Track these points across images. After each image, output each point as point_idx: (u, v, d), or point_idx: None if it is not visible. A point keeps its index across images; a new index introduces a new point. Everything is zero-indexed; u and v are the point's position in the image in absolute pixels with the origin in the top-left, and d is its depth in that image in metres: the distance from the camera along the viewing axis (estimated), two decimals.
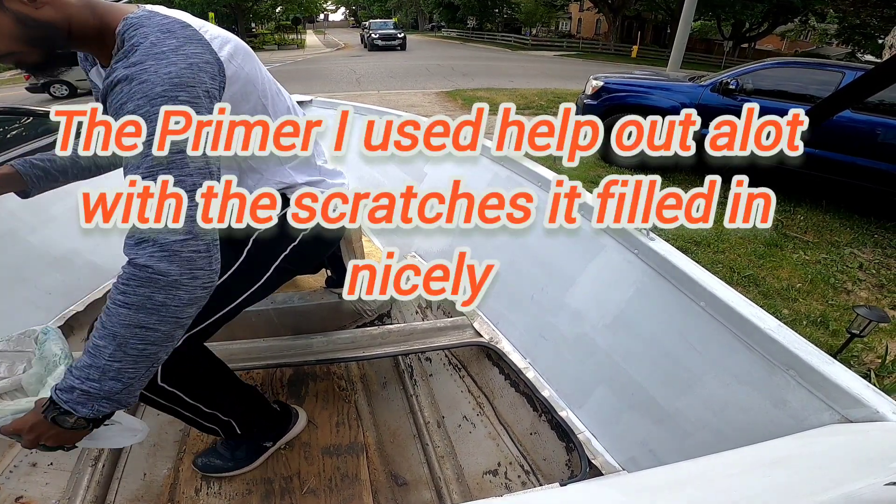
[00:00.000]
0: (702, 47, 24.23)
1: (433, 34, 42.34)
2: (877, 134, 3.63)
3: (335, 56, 20.18)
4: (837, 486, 0.47)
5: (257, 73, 0.83)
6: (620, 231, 1.09)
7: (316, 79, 12.12)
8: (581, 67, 15.17)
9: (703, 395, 0.87)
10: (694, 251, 3.21)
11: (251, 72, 0.81)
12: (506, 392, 1.27)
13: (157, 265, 0.61)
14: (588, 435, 1.04)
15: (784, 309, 2.61)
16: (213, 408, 1.01)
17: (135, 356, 0.63)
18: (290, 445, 1.26)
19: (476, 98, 8.56)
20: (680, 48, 8.28)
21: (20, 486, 1.12)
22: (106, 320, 0.62)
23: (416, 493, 1.19)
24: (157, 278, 0.61)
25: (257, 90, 0.83)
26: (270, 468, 1.20)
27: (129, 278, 0.62)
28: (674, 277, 0.95)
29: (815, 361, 0.72)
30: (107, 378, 0.62)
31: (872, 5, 11.31)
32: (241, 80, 0.77)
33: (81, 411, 0.63)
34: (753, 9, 17.55)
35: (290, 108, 0.95)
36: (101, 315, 0.64)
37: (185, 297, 0.63)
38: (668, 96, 4.52)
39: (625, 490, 0.60)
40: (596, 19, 31.80)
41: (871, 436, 0.63)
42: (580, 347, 1.13)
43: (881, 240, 3.61)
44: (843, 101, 0.63)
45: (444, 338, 1.31)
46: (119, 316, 0.62)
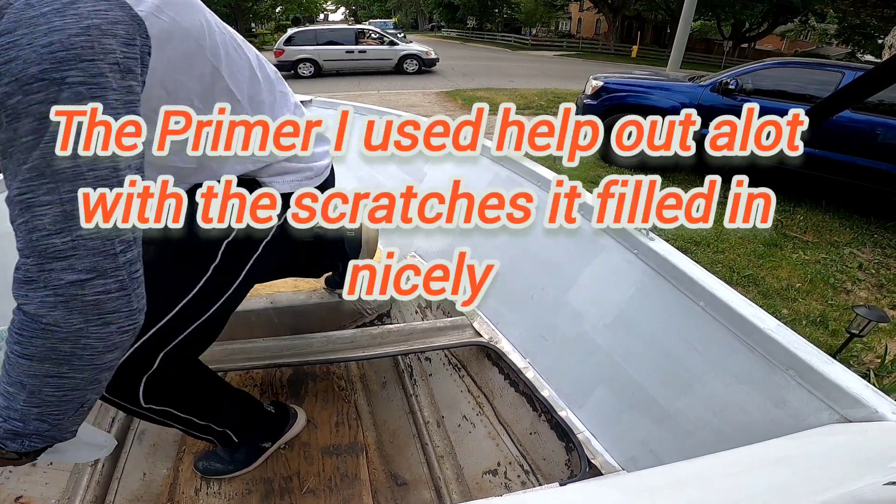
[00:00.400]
0: (702, 47, 24.25)
1: (433, 34, 42.33)
2: (877, 134, 3.64)
3: None
4: (837, 485, 0.47)
5: (203, 27, 0.62)
6: (620, 231, 1.09)
7: (316, 79, 12.12)
8: (581, 67, 15.17)
9: (703, 395, 0.87)
10: (694, 251, 3.21)
11: (193, 24, 0.60)
12: (505, 392, 1.27)
13: (49, 315, 0.47)
14: (588, 435, 1.04)
15: (784, 309, 2.61)
16: (206, 419, 0.97)
17: (55, 402, 0.53)
18: (289, 445, 1.26)
19: (476, 98, 8.56)
20: (680, 48, 8.28)
21: (20, 485, 1.12)
22: (9, 368, 0.51)
23: (416, 492, 1.19)
24: (55, 330, 0.48)
25: (205, 50, 0.63)
26: (270, 468, 1.20)
27: (21, 328, 0.49)
28: (674, 277, 0.95)
29: (814, 361, 0.72)
30: (30, 419, 0.53)
31: (872, 5, 11.32)
32: (176, 38, 0.58)
33: (11, 447, 0.54)
34: (753, 9, 17.57)
35: (267, 77, 0.77)
36: (2, 357, 0.53)
37: (100, 346, 0.50)
38: (667, 96, 4.52)
39: (625, 490, 0.60)
40: (596, 19, 31.81)
41: (871, 435, 0.63)
42: (580, 347, 1.13)
43: (881, 240, 3.61)
44: (844, 102, 0.63)
45: (444, 338, 1.31)
46: (21, 366, 0.50)
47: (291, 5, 27.96)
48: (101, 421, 1.26)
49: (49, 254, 0.46)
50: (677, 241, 3.30)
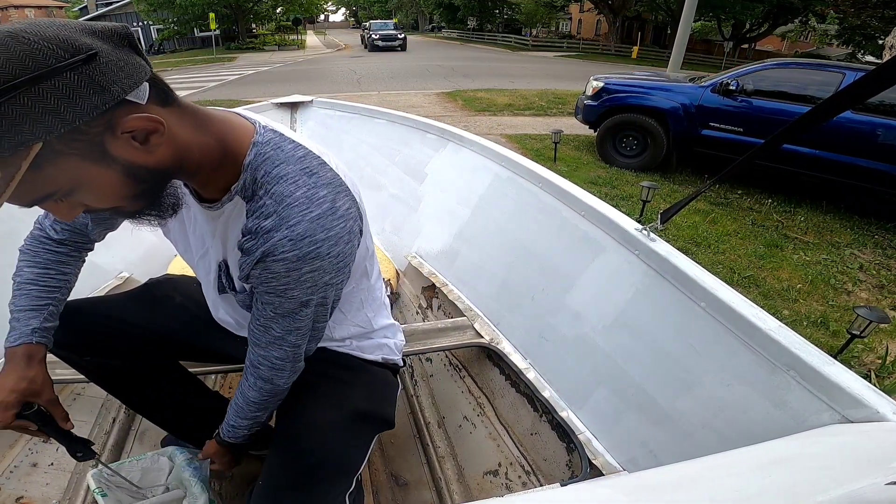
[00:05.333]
0: (702, 48, 24.24)
1: (433, 35, 42.38)
2: (877, 135, 3.63)
3: (336, 57, 20.19)
4: (838, 486, 0.47)
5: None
6: (620, 231, 1.09)
7: (317, 79, 12.13)
8: (581, 68, 15.17)
9: (704, 396, 0.87)
10: (694, 251, 3.21)
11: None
12: (506, 392, 1.27)
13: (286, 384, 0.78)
14: (588, 435, 1.04)
15: (784, 310, 2.61)
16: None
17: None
18: None
19: (476, 99, 8.56)
20: (680, 49, 8.28)
21: (21, 486, 1.12)
22: (238, 411, 0.81)
23: (417, 493, 1.19)
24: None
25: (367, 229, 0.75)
26: None
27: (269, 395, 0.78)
28: (674, 278, 0.95)
29: (815, 362, 0.72)
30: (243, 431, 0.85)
31: (873, 6, 11.32)
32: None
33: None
34: (753, 9, 17.55)
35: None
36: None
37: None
38: (668, 97, 4.52)
39: (625, 490, 0.60)
40: (596, 20, 31.82)
41: (872, 436, 0.63)
42: (581, 348, 1.13)
43: (881, 241, 3.61)
44: (844, 103, 0.63)
45: (445, 338, 1.31)
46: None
47: (292, 6, 27.95)
48: (102, 422, 1.26)
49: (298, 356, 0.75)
50: (678, 241, 3.30)
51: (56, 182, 0.47)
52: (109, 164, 0.48)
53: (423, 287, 1.69)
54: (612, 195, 4.01)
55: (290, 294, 0.63)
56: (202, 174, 0.60)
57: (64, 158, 0.45)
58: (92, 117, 0.44)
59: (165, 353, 0.99)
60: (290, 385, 0.78)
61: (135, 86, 0.47)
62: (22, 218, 0.88)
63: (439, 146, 1.87)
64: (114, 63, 0.45)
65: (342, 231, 0.60)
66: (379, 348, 0.92)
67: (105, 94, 0.44)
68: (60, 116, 0.42)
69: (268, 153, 0.61)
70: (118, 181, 0.50)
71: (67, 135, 0.44)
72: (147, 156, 0.50)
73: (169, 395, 1.02)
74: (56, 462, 1.18)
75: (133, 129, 0.47)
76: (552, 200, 1.32)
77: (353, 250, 0.64)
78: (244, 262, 0.64)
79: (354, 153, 2.19)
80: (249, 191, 0.61)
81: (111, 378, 0.96)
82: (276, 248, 0.59)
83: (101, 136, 0.46)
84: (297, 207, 0.58)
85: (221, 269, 0.74)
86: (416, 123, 2.02)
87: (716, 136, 4.29)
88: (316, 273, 0.61)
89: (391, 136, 2.11)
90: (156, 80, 0.50)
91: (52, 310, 0.79)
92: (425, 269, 1.66)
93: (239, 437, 0.84)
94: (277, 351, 0.71)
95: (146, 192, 0.54)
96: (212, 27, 19.66)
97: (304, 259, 0.59)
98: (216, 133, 0.58)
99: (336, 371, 0.85)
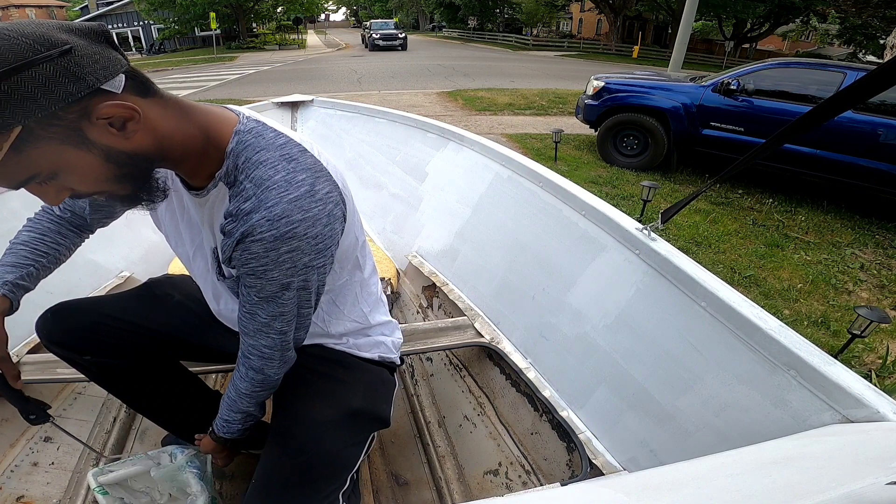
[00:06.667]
0: (703, 47, 24.21)
1: (434, 34, 42.34)
2: (878, 134, 3.63)
3: (336, 56, 20.19)
4: (838, 485, 0.47)
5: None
6: (621, 231, 1.09)
7: (317, 79, 12.13)
8: (582, 67, 15.16)
9: (704, 396, 0.87)
10: (695, 251, 3.21)
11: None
12: (507, 392, 1.27)
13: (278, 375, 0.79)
14: (589, 435, 1.04)
15: (785, 309, 2.61)
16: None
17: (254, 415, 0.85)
18: None
19: (477, 98, 8.55)
20: (681, 48, 8.28)
21: (21, 485, 1.12)
22: (231, 404, 0.82)
23: (417, 492, 1.19)
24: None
25: (355, 221, 0.76)
26: None
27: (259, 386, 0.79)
28: (675, 277, 0.95)
29: (816, 362, 0.72)
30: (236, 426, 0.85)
31: (874, 6, 11.29)
32: (350, 211, 0.71)
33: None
34: (755, 9, 17.53)
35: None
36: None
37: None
38: (669, 97, 4.51)
39: (626, 490, 0.60)
40: (597, 19, 31.79)
41: (872, 436, 0.63)
42: (581, 347, 1.13)
43: (882, 240, 3.61)
44: (845, 103, 0.62)
45: (445, 338, 1.31)
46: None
47: (293, 5, 27.93)
48: (103, 421, 1.26)
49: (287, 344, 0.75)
50: (678, 241, 3.30)
51: (37, 164, 0.50)
52: (89, 148, 0.51)
53: (424, 286, 1.69)
54: (612, 194, 4.01)
55: (270, 276, 0.64)
56: (188, 162, 0.63)
57: (44, 142, 0.49)
58: (68, 103, 0.47)
59: (166, 352, 0.99)
60: (282, 377, 0.79)
61: (110, 76, 0.50)
62: (23, 218, 0.89)
63: (440, 145, 1.87)
64: (89, 56, 0.49)
65: (320, 213, 0.62)
66: (376, 346, 0.92)
67: (80, 82, 0.48)
68: (38, 102, 0.46)
69: (249, 140, 0.63)
70: (98, 165, 0.53)
71: (45, 119, 0.47)
72: (125, 141, 0.53)
73: (169, 394, 1.02)
74: (57, 461, 1.18)
75: (109, 115, 0.50)
76: (553, 200, 1.32)
77: (333, 233, 0.65)
78: (226, 244, 0.66)
79: (355, 152, 2.19)
80: (231, 177, 0.64)
81: (112, 377, 0.96)
82: (255, 228, 0.60)
83: (77, 122, 0.49)
84: (275, 190, 0.60)
85: (216, 256, 0.75)
86: (417, 123, 2.02)
87: (717, 136, 4.28)
88: (294, 254, 0.62)
89: (392, 135, 2.11)
90: (135, 73, 0.54)
91: (31, 271, 0.82)
92: (426, 269, 1.66)
93: (232, 431, 0.84)
94: (265, 339, 0.72)
95: (128, 175, 0.57)
96: (212, 26, 19.69)
97: (281, 238, 0.60)
98: (199, 123, 0.61)
99: (332, 369, 0.85)
